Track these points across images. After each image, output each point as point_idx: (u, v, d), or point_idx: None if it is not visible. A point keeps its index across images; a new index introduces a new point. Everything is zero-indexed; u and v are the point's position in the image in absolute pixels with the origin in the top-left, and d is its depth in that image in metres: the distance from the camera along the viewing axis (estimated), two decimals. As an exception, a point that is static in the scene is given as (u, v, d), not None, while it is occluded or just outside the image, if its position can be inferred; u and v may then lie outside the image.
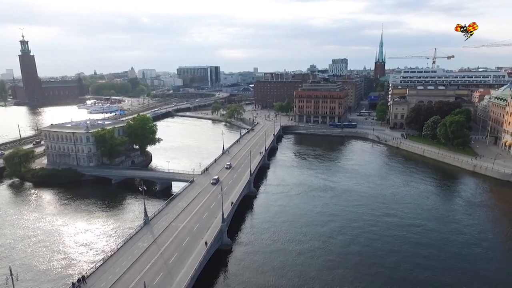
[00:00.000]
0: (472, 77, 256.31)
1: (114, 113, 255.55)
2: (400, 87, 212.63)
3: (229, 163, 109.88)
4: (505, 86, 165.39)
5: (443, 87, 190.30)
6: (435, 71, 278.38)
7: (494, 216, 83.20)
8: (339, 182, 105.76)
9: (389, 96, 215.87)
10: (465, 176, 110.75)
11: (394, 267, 60.06)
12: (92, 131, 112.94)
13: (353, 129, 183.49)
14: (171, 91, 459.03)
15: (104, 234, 74.40)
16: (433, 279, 56.52)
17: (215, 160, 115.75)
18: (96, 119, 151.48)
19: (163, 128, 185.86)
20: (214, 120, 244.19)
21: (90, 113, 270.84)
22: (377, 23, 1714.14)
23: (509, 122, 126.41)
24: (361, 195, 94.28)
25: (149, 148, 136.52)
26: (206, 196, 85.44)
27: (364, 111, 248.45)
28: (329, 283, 56.01)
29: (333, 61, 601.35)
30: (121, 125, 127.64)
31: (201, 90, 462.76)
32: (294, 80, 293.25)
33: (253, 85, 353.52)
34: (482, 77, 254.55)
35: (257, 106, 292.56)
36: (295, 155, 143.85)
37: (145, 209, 71.43)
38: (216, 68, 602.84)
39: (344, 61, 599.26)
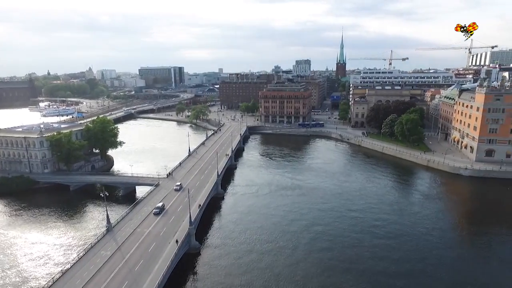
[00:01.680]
0: (424, 78, 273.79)
1: (71, 116, 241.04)
2: (360, 87, 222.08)
3: (179, 183, 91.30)
4: (453, 86, 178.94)
5: (399, 87, 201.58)
6: (391, 72, 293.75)
7: (446, 207, 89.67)
8: (306, 180, 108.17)
9: (350, 96, 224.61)
10: (420, 171, 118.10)
11: (356, 260, 62.46)
12: (46, 135, 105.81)
13: (317, 129, 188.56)
14: (133, 92, 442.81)
15: (63, 245, 69.99)
16: (394, 268, 59.66)
17: (180, 164, 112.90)
18: (51, 123, 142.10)
19: (125, 130, 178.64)
20: (179, 122, 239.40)
21: (44, 116, 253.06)
22: (338, 25, 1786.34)
23: (457, 120, 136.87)
24: (327, 192, 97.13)
25: (111, 152, 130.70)
26: (172, 200, 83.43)
27: (316, 110, 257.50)
28: (297, 281, 57.06)
29: (297, 62, 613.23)
30: (79, 128, 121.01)
31: (164, 91, 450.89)
32: (259, 80, 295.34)
33: (218, 86, 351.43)
34: (433, 77, 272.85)
35: (222, 107, 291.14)
36: (262, 155, 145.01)
37: (107, 215, 68.25)
38: (180, 68, 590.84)
39: (307, 62, 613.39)
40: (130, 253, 59.53)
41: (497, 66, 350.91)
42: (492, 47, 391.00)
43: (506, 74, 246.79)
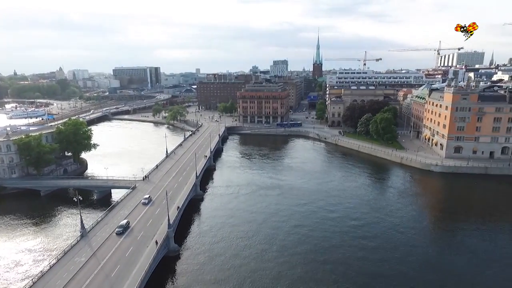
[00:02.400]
0: (397, 78, 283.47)
1: (40, 118, 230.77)
2: (336, 87, 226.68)
3: (147, 196, 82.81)
4: (423, 86, 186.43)
5: (373, 87, 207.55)
6: (366, 72, 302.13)
7: (419, 202, 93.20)
8: (285, 179, 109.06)
9: (327, 96, 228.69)
10: (394, 168, 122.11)
11: (336, 256, 63.66)
12: (13, 138, 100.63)
13: (295, 128, 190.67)
14: (107, 93, 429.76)
15: (34, 253, 66.75)
16: (371, 263, 61.37)
17: (157, 166, 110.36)
18: (19, 125, 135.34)
19: (100, 132, 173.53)
20: (156, 123, 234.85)
21: (11, 118, 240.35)
22: (314, 26, 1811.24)
23: (428, 118, 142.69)
24: (306, 191, 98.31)
25: (84, 155, 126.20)
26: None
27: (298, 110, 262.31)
28: (277, 279, 57.43)
29: (274, 62, 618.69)
30: (50, 130, 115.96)
31: (140, 92, 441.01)
32: (237, 81, 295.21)
33: (196, 86, 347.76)
34: (405, 78, 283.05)
35: (200, 108, 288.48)
36: (241, 156, 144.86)
37: (81, 220, 65.85)
38: (156, 69, 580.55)
39: (285, 62, 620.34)
40: (106, 259, 57.70)
41: (463, 67, 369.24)
42: (459, 49, 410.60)
43: (471, 74, 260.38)
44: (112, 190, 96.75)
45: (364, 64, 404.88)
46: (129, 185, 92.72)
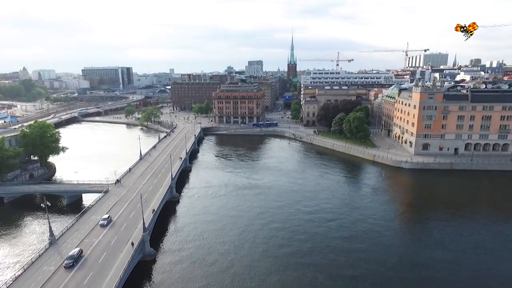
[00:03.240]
0: (368, 78, 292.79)
1: (3, 121, 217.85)
2: (310, 87, 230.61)
3: (106, 216, 70.96)
4: (393, 86, 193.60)
5: (346, 87, 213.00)
6: (339, 73, 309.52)
7: (391, 198, 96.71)
8: (262, 179, 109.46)
9: (302, 96, 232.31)
10: (367, 165, 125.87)
11: (313, 255, 64.72)
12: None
13: (271, 128, 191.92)
14: (76, 94, 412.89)
15: (-3, 263, 62.89)
16: (347, 259, 62.93)
17: (130, 169, 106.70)
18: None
19: (69, 135, 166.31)
20: (129, 125, 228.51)
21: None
22: (288, 27, 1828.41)
23: (398, 117, 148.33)
24: (283, 190, 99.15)
25: (52, 159, 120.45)
26: (124, 205, 79.31)
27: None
28: (256, 280, 57.55)
29: (249, 62, 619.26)
30: (13, 134, 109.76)
31: (112, 93, 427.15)
32: (212, 81, 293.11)
33: (170, 87, 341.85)
34: (376, 78, 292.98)
35: (175, 108, 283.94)
36: (217, 156, 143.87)
37: (50, 227, 62.80)
38: (128, 69, 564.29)
39: (260, 62, 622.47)
40: (78, 266, 55.37)
41: (429, 67, 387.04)
42: (425, 50, 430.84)
43: (437, 75, 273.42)
44: (84, 195, 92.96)
45: (337, 65, 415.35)
46: (101, 189, 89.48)
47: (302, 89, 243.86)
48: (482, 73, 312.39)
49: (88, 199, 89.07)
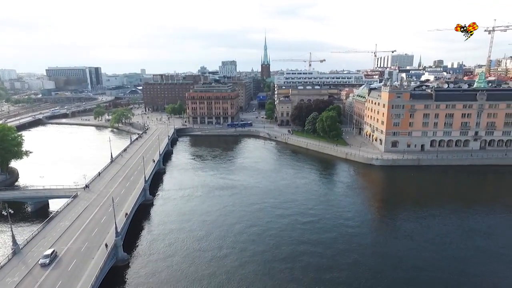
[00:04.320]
0: (339, 78, 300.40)
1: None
2: (284, 87, 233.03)
3: (50, 251, 57.09)
4: (363, 86, 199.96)
5: (318, 87, 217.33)
6: (311, 73, 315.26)
7: (363, 194, 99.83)
8: (239, 179, 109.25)
9: (276, 96, 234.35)
10: (340, 163, 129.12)
11: (291, 255, 65.47)
12: None
13: (246, 128, 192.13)
14: (40, 96, 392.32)
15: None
16: (324, 257, 64.26)
17: (99, 173, 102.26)
18: None
19: (33, 139, 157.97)
20: (99, 127, 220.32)
21: None
22: (261, 28, 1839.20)
23: (368, 116, 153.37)
24: (259, 190, 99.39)
25: (14, 164, 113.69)
26: (95, 210, 76.32)
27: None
28: (235, 284, 57.39)
29: (223, 63, 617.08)
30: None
31: (80, 94, 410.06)
32: (186, 81, 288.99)
33: (141, 88, 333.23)
34: (347, 78, 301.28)
35: (147, 109, 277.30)
36: (192, 157, 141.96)
37: (13, 236, 59.20)
38: (97, 69, 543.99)
39: (233, 63, 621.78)
40: (45, 276, 52.61)
41: (397, 68, 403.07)
42: (392, 51, 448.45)
43: (403, 75, 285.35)
44: (50, 201, 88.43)
45: (310, 65, 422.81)
46: (69, 194, 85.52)
47: (276, 89, 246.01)
48: (445, 73, 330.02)
49: (55, 205, 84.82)
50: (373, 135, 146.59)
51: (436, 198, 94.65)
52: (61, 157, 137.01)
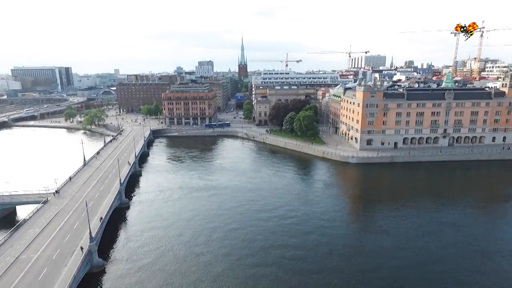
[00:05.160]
0: (315, 78, 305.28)
1: None
2: (261, 87, 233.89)
3: None
4: (338, 86, 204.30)
5: (295, 87, 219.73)
6: (288, 73, 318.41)
7: (341, 192, 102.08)
8: (218, 180, 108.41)
9: (253, 96, 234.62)
10: (318, 162, 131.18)
11: (273, 255, 65.62)
12: None
13: (224, 129, 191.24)
14: (5, 97, 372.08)
15: None
16: (302, 257, 65.01)
17: (70, 178, 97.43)
18: None
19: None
20: (70, 129, 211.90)
21: None
22: (238, 28, 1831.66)
23: (344, 115, 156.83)
24: (239, 190, 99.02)
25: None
26: (67, 215, 73.20)
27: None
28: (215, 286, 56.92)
29: (199, 63, 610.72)
30: None
31: (49, 95, 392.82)
32: (161, 82, 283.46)
33: (115, 88, 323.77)
34: (323, 78, 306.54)
35: (121, 110, 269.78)
36: (169, 159, 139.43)
37: (-23, 246, 55.68)
38: (67, 69, 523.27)
39: (210, 63, 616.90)
40: (13, 286, 49.83)
41: (370, 68, 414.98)
42: (366, 52, 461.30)
43: (377, 75, 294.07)
44: (18, 207, 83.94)
45: (286, 65, 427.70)
46: (39, 199, 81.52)
47: (253, 89, 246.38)
48: (415, 73, 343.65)
49: (23, 212, 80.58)
50: (348, 134, 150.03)
51: (409, 194, 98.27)
52: (29, 161, 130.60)
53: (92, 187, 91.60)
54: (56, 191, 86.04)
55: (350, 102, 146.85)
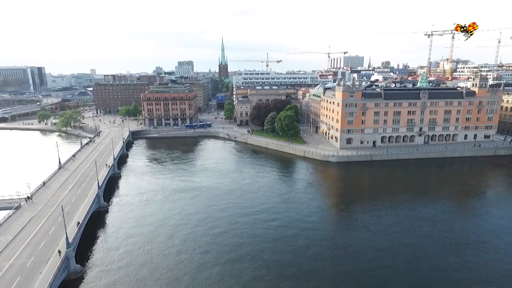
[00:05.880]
0: (296, 78, 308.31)
1: None
2: (242, 87, 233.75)
3: None
4: (318, 86, 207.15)
5: (276, 87, 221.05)
6: (269, 73, 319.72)
7: (322, 190, 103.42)
8: (200, 181, 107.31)
9: (234, 96, 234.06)
10: (299, 161, 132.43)
11: (257, 255, 65.69)
12: None
13: (205, 129, 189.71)
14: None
15: None
16: (285, 254, 65.41)
17: (44, 183, 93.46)
18: None
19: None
20: (44, 131, 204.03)
21: None
22: (218, 28, 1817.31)
23: (324, 114, 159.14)
24: (222, 191, 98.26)
25: None
26: (42, 221, 70.38)
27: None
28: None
29: (179, 63, 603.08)
30: None
31: (20, 96, 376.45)
32: (140, 82, 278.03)
33: (92, 89, 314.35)
34: (303, 78, 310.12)
35: (99, 112, 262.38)
36: (150, 161, 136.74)
37: None
38: (40, 69, 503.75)
39: (190, 63, 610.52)
40: (-16, 297, 47.42)
41: (349, 68, 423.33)
42: (344, 53, 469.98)
43: (355, 75, 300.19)
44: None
45: (267, 66, 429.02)
46: (11, 205, 78.01)
47: (234, 89, 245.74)
48: (392, 73, 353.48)
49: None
50: (329, 133, 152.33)
51: (388, 191, 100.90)
52: None
53: (69, 191, 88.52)
54: (28, 197, 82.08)
55: (330, 102, 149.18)
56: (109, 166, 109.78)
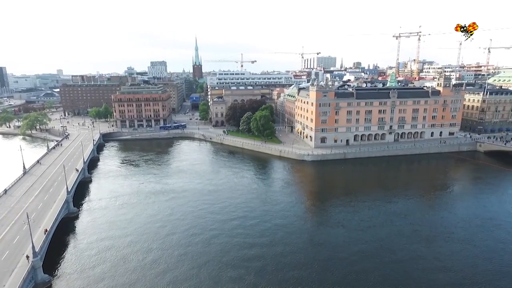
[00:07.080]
0: (270, 79, 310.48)
1: None
2: (217, 88, 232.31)
3: None
4: (293, 86, 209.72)
5: (251, 87, 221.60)
6: (243, 74, 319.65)
7: (298, 189, 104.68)
8: (176, 183, 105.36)
9: (209, 96, 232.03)
10: (275, 161, 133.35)
11: (238, 254, 65.47)
12: None
13: (180, 130, 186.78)
14: None
15: None
16: (265, 252, 65.64)
17: (6, 191, 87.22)
18: None
19: None
20: (6, 134, 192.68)
21: None
22: (191, 28, 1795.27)
23: (299, 114, 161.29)
24: (199, 193, 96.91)
25: None
26: (5, 230, 66.26)
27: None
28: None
29: (152, 63, 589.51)
30: None
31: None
32: (111, 83, 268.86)
33: (58, 90, 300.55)
34: (277, 78, 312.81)
35: (66, 114, 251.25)
36: (123, 164, 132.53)
37: None
38: (1, 69, 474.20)
39: (163, 63, 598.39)
40: None
41: (322, 69, 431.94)
42: (317, 53, 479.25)
43: (328, 75, 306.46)
44: None
45: (242, 66, 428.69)
46: (-29, 214, 72.87)
47: (209, 90, 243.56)
48: (363, 74, 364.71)
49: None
50: (303, 132, 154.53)
51: (361, 187, 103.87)
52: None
53: (35, 197, 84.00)
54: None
55: (304, 102, 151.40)
56: (78, 170, 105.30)
